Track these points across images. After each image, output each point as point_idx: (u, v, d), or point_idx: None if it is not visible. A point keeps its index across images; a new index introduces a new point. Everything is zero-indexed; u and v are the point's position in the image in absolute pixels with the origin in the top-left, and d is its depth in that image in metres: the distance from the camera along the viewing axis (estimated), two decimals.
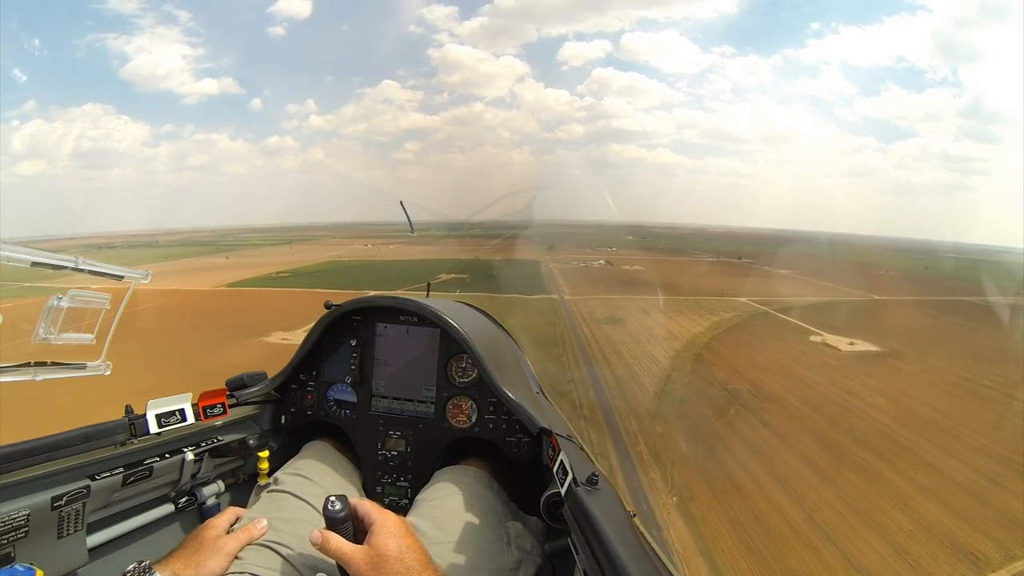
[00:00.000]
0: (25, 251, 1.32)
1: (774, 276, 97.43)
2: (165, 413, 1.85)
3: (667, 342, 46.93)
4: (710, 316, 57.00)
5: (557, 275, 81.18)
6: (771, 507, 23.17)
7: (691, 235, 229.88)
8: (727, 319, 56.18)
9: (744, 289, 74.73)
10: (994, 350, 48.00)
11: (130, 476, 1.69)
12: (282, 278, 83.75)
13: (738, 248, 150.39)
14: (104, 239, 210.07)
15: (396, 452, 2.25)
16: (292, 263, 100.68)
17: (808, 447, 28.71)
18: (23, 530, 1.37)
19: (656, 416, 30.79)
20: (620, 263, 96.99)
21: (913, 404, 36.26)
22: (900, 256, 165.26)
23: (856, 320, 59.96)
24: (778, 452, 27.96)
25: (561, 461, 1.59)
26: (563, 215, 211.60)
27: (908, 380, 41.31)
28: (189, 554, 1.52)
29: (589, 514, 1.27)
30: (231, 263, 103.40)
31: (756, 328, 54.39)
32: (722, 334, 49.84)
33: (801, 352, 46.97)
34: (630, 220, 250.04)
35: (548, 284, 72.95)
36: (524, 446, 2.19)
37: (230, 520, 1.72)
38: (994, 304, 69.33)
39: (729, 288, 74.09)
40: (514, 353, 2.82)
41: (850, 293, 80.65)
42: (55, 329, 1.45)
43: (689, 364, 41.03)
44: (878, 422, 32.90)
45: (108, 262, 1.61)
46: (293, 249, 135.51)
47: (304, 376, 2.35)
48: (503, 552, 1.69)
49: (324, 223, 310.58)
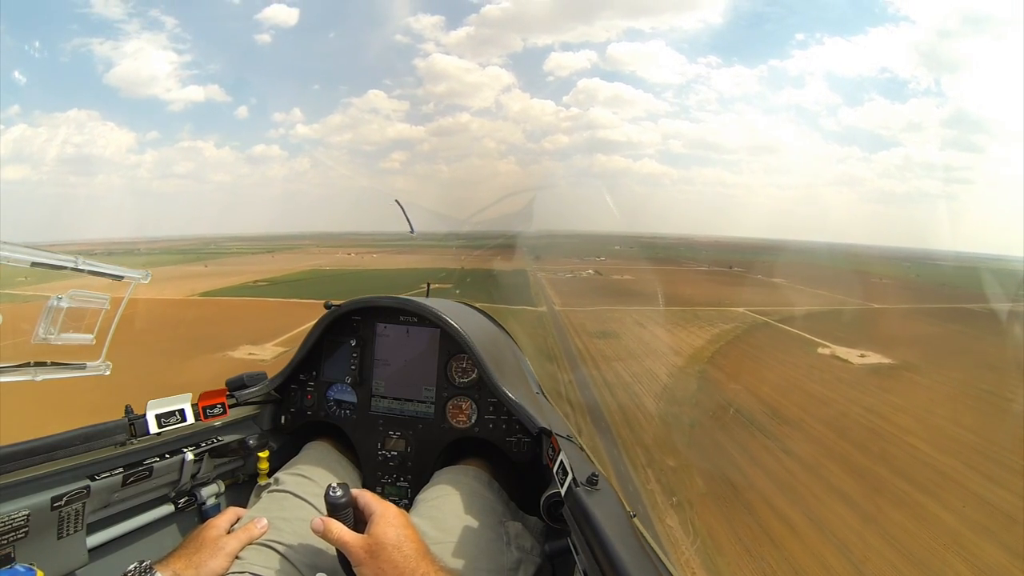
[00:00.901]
0: (25, 251, 1.32)
1: (769, 285, 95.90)
2: (165, 413, 1.84)
3: (667, 357, 43.16)
4: (709, 328, 53.59)
5: (546, 285, 77.17)
6: (813, 559, 19.47)
7: (678, 245, 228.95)
8: (727, 331, 52.76)
9: (740, 299, 71.88)
10: (1007, 360, 45.41)
11: (130, 476, 1.69)
12: (259, 287, 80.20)
13: (728, 257, 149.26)
14: (86, 246, 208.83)
15: (396, 452, 2.24)
16: (271, 272, 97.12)
17: (840, 479, 25.03)
18: (23, 530, 1.38)
19: (665, 446, 26.84)
20: (610, 272, 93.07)
21: (941, 423, 33.05)
22: (888, 264, 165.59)
23: (860, 330, 57.24)
24: (808, 487, 24.25)
25: (561, 461, 1.59)
26: (550, 225, 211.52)
27: (929, 395, 38.28)
28: (190, 554, 1.51)
29: (589, 514, 1.26)
30: (209, 271, 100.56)
31: (759, 340, 50.98)
32: (725, 347, 46.28)
33: (811, 366, 43.62)
34: (617, 230, 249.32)
35: (537, 295, 68.90)
36: (524, 446, 2.19)
37: (231, 520, 1.70)
38: (996, 311, 67.68)
39: (725, 298, 71.23)
40: (514, 353, 2.83)
41: (848, 302, 79.10)
42: (55, 329, 1.46)
43: (694, 382, 37.37)
44: (909, 445, 29.60)
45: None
46: (275, 258, 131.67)
47: (304, 376, 2.35)
48: (503, 552, 1.68)
49: (309, 232, 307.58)
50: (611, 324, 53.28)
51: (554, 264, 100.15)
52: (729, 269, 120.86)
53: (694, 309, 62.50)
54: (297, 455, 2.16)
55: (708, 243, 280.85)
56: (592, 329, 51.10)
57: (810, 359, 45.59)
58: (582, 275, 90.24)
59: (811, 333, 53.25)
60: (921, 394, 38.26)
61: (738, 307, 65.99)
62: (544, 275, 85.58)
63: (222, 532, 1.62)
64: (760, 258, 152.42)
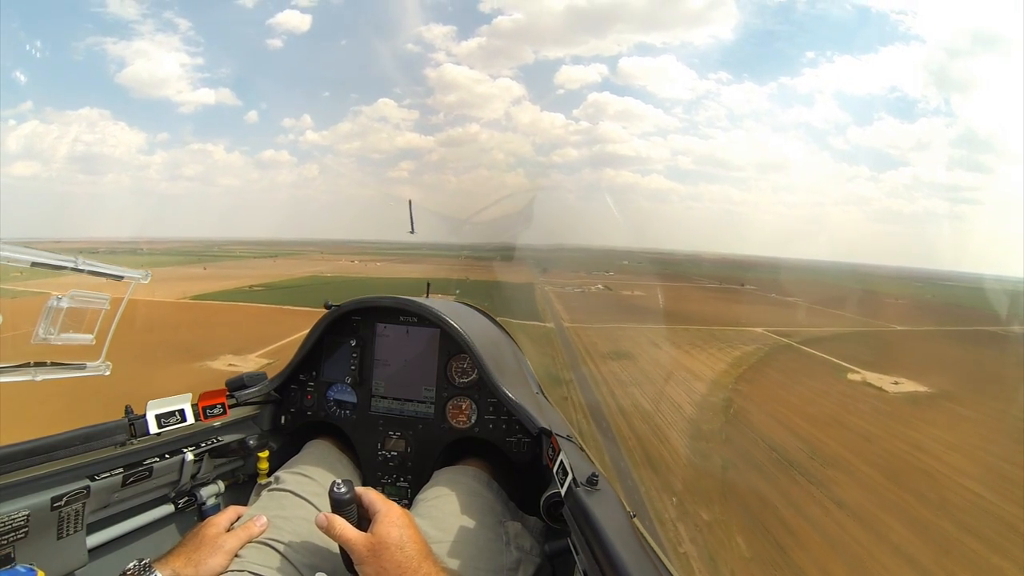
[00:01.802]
0: (25, 251, 1.33)
1: (784, 304, 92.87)
2: (165, 413, 1.84)
3: (688, 383, 39.55)
4: (729, 350, 50.13)
5: (553, 299, 73.49)
6: None
7: (686, 261, 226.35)
8: (749, 353, 49.29)
9: (757, 318, 68.60)
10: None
11: (130, 476, 1.69)
12: (254, 292, 77.20)
13: (737, 274, 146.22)
14: (89, 244, 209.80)
15: (396, 452, 2.24)
16: (269, 277, 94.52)
17: (901, 536, 21.51)
18: (23, 530, 1.38)
19: (696, 493, 23.21)
20: (620, 288, 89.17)
21: (996, 462, 29.58)
22: (897, 284, 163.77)
23: (887, 354, 54.14)
24: (868, 548, 20.69)
25: (561, 461, 1.59)
26: (556, 239, 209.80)
27: (976, 429, 34.90)
28: (189, 552, 1.51)
29: (589, 514, 1.26)
30: (208, 274, 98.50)
31: (784, 364, 47.41)
32: (749, 372, 42.73)
33: (844, 394, 40.12)
34: (624, 245, 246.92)
35: (544, 309, 65.41)
36: (524, 446, 2.17)
37: (231, 519, 1.69)
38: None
39: (742, 317, 67.95)
40: (514, 353, 2.80)
41: (868, 323, 76.42)
42: (55, 329, 1.46)
43: (721, 413, 33.73)
44: (969, 491, 26.11)
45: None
46: (276, 263, 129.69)
47: (304, 376, 2.36)
48: (502, 552, 1.67)
49: (315, 239, 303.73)
50: (624, 343, 49.63)
51: (562, 278, 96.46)
52: (741, 287, 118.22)
53: (711, 328, 59.04)
54: (298, 454, 2.14)
55: (716, 260, 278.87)
56: (604, 349, 47.43)
57: (841, 386, 42.11)
58: (591, 290, 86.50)
59: (837, 357, 50.02)
60: (967, 428, 34.90)
61: (756, 327, 62.69)
62: (552, 289, 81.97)
63: (221, 530, 1.60)
64: (771, 276, 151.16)
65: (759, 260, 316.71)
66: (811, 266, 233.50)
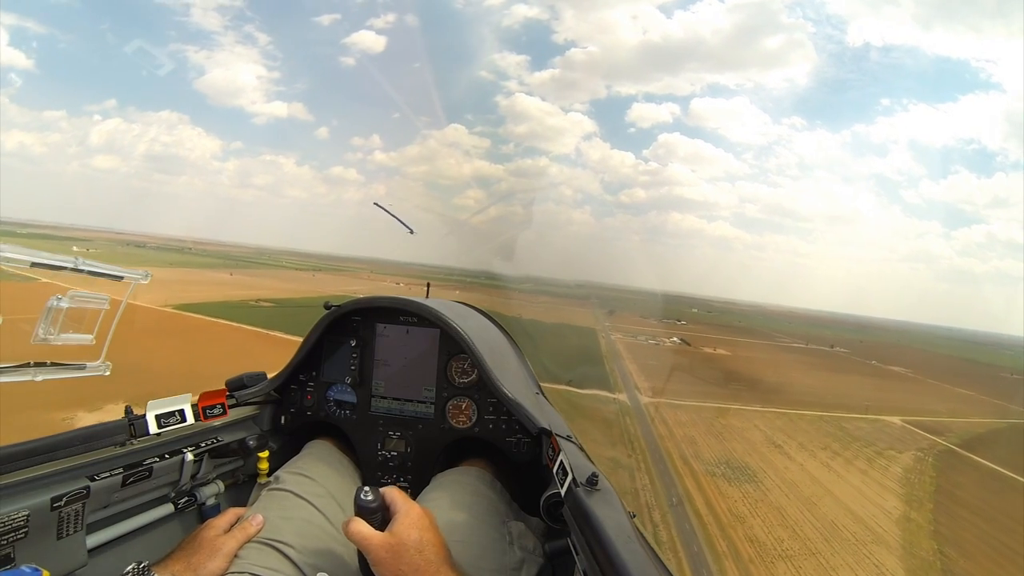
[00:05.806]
0: (25, 252, 1.34)
1: (893, 377, 78.22)
2: (165, 414, 1.83)
3: (851, 527, 25.87)
4: (879, 459, 36.39)
5: (623, 354, 60.43)
6: None
7: (753, 312, 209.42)
8: (911, 467, 35.37)
9: (879, 398, 54.27)
10: None
11: (130, 477, 1.68)
12: (259, 307, 68.69)
13: (808, 331, 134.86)
14: (141, 238, 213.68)
15: (396, 453, 2.21)
16: (290, 292, 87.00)
17: None
18: (23, 531, 1.37)
19: None
20: (698, 342, 75.63)
21: None
22: (977, 350, 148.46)
23: None
24: None
25: (561, 462, 1.59)
26: (619, 280, 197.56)
27: None
28: (188, 555, 1.52)
29: (589, 514, 1.27)
30: (228, 280, 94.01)
31: (972, 490, 32.95)
32: (938, 511, 28.51)
33: None
34: (684, 291, 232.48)
35: (610, 367, 52.56)
36: (524, 446, 2.15)
37: (230, 521, 1.70)
38: None
39: (864, 396, 53.28)
40: (514, 354, 2.79)
41: (1010, 410, 60.46)
42: (55, 329, 1.46)
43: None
44: None
45: (126, 260, 1.61)
46: (314, 277, 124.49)
47: (304, 376, 2.32)
48: (505, 552, 1.66)
49: (372, 258, 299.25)
50: (735, 442, 36.27)
51: (628, 323, 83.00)
52: (831, 348, 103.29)
53: (836, 416, 44.99)
54: (299, 454, 2.09)
55: (781, 313, 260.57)
56: (709, 453, 33.80)
57: None
58: (666, 343, 73.04)
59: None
60: None
61: (890, 415, 48.30)
62: (619, 337, 69.04)
63: (220, 532, 1.60)
64: (855, 336, 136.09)
65: (827, 316, 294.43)
66: (882, 325, 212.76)
